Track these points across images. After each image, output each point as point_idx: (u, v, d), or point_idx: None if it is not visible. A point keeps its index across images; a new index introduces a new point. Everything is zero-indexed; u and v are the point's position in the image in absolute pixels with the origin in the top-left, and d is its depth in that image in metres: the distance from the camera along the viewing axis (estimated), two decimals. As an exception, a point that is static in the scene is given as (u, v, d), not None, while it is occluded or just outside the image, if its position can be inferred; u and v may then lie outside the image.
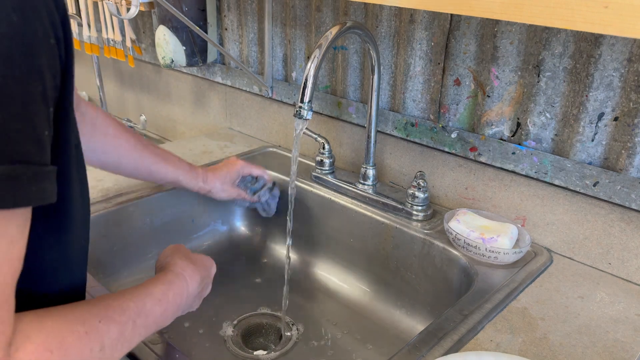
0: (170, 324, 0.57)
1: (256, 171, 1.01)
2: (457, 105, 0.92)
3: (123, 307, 0.47)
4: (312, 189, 1.05)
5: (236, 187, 1.00)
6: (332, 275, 1.04)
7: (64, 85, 0.39)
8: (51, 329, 0.39)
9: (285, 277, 0.89)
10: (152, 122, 1.65)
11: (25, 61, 0.33)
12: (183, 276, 0.60)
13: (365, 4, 0.98)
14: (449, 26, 0.88)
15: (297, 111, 0.77)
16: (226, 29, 1.29)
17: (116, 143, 0.80)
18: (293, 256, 1.08)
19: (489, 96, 0.87)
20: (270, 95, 1.23)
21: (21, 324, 0.37)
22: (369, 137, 0.96)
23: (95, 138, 0.77)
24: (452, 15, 0.87)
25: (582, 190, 0.80)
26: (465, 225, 0.84)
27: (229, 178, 0.98)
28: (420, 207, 0.93)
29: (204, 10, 1.24)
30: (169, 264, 0.62)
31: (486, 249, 0.80)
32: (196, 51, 1.26)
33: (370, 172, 0.99)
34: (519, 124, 0.85)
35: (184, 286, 0.59)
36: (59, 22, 0.37)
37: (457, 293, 0.84)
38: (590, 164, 0.79)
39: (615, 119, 0.75)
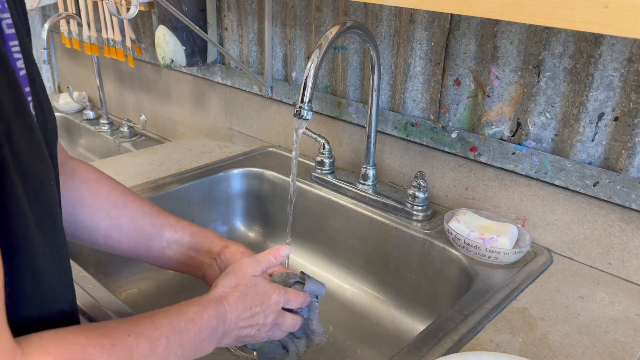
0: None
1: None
2: (457, 105, 0.92)
3: (155, 324, 0.46)
4: (312, 189, 1.05)
5: None
6: (332, 275, 1.04)
7: None
8: (72, 342, 0.38)
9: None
10: (152, 122, 1.65)
11: None
12: (221, 301, 0.55)
13: (365, 4, 0.98)
14: (449, 26, 0.88)
15: (297, 111, 0.77)
16: (226, 29, 1.29)
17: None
18: (293, 256, 1.08)
19: (489, 96, 0.87)
20: (270, 95, 1.23)
21: (39, 340, 0.37)
22: (369, 137, 0.96)
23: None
24: (452, 15, 0.87)
25: (582, 190, 0.80)
26: (465, 225, 0.84)
27: None
28: (420, 207, 0.93)
29: (204, 10, 1.24)
30: (215, 286, 0.57)
31: (486, 249, 0.80)
32: (196, 51, 1.26)
33: (370, 172, 0.99)
34: (519, 124, 0.85)
35: (221, 310, 0.54)
36: None
37: (457, 293, 0.84)
38: (590, 164, 0.79)
39: (616, 119, 0.75)
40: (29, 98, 0.43)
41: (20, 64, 0.42)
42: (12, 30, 0.41)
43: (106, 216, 0.64)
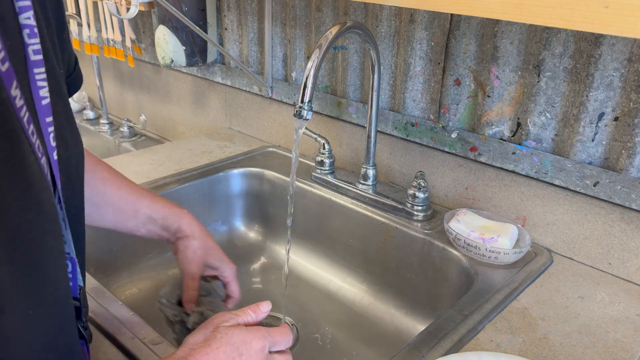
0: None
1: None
2: (457, 105, 0.92)
3: None
4: (312, 189, 1.05)
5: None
6: (332, 275, 1.04)
7: None
8: None
9: (285, 276, 0.89)
10: (151, 122, 1.65)
11: None
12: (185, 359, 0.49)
13: (365, 3, 0.98)
14: (449, 26, 0.88)
15: (297, 111, 0.77)
16: (226, 29, 1.29)
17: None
18: (293, 256, 1.08)
19: (489, 96, 0.87)
20: (270, 95, 1.23)
21: None
22: (369, 137, 0.96)
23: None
24: (452, 15, 0.87)
25: (582, 190, 0.80)
26: (465, 225, 0.84)
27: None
28: (420, 207, 0.93)
29: (204, 10, 1.24)
30: (182, 344, 0.52)
31: (486, 249, 0.80)
32: (196, 51, 1.26)
33: (370, 172, 0.99)
34: (519, 124, 0.85)
35: None
36: None
37: (457, 293, 0.84)
38: (590, 164, 0.79)
39: (616, 119, 0.75)
40: (50, 129, 0.41)
41: (43, 92, 0.40)
42: (39, 57, 0.39)
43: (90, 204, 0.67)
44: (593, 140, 0.78)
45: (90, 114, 1.75)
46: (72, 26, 1.54)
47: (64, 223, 0.45)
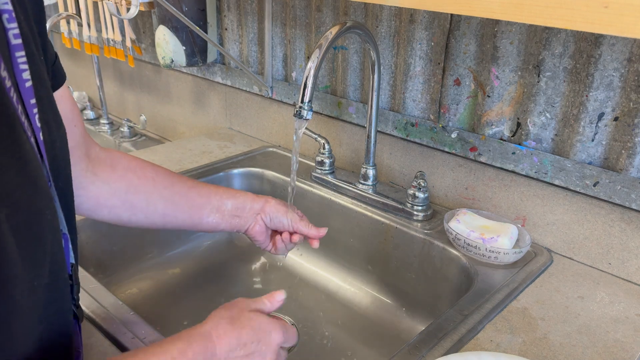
0: (170, 323, 0.56)
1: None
2: (457, 105, 0.92)
3: None
4: (312, 189, 1.05)
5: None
6: (332, 275, 1.04)
7: None
8: None
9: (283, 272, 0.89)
10: (152, 122, 1.65)
11: None
12: (210, 335, 0.52)
13: (365, 3, 0.98)
14: (449, 26, 0.88)
15: (297, 111, 0.77)
16: (226, 29, 1.29)
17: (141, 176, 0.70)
18: (293, 256, 1.08)
19: (489, 96, 0.87)
20: (270, 95, 1.23)
21: None
22: (369, 137, 0.96)
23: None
24: (452, 15, 0.87)
25: (582, 190, 0.80)
26: (465, 225, 0.84)
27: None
28: (420, 207, 0.93)
29: (204, 10, 1.24)
30: (208, 318, 0.55)
31: (486, 249, 0.80)
32: (196, 51, 1.26)
33: (370, 172, 0.99)
34: (519, 124, 0.85)
35: (208, 346, 0.51)
36: None
37: (457, 293, 0.84)
38: (590, 164, 0.79)
39: (616, 119, 0.75)
40: (35, 110, 0.42)
41: (26, 75, 0.41)
42: (19, 41, 0.41)
43: (160, 197, 0.70)
44: (593, 140, 0.78)
45: (90, 114, 1.75)
46: (73, 26, 1.55)
47: (55, 200, 0.47)
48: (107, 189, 0.67)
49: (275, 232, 0.80)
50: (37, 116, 0.42)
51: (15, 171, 0.38)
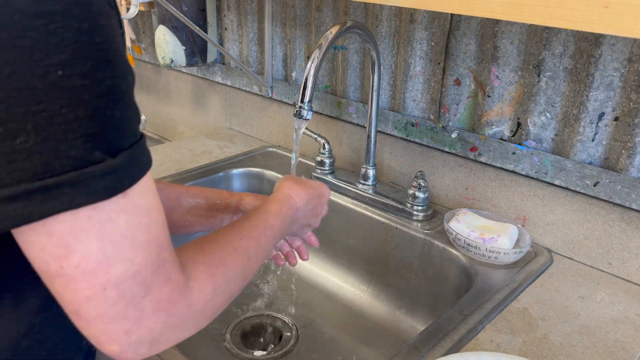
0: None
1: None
2: (457, 105, 0.92)
3: (253, 225, 0.57)
4: (312, 189, 1.04)
5: None
6: (332, 276, 1.04)
7: None
8: (208, 252, 0.48)
9: (282, 274, 0.89)
10: (152, 122, 1.65)
11: (123, 57, 0.38)
12: (289, 194, 0.66)
13: (365, 3, 0.98)
14: (449, 26, 0.88)
15: (297, 111, 0.77)
16: (226, 29, 1.29)
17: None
18: (293, 256, 1.08)
19: (489, 96, 0.87)
20: (270, 95, 1.23)
21: (187, 254, 0.45)
22: (369, 137, 0.96)
23: None
24: (452, 15, 0.87)
25: (582, 190, 0.80)
26: (465, 225, 0.84)
27: None
28: (420, 207, 0.93)
29: (204, 10, 1.24)
30: (279, 187, 0.68)
31: (486, 249, 0.80)
32: (196, 51, 1.26)
33: (370, 172, 0.99)
34: (519, 124, 0.85)
35: (292, 202, 0.65)
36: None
37: (457, 293, 0.84)
38: (590, 164, 0.79)
39: (616, 119, 0.75)
40: None
41: None
42: None
43: None
44: (593, 140, 0.78)
45: (90, 114, 1.75)
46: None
47: None
48: None
49: None
50: None
51: None
